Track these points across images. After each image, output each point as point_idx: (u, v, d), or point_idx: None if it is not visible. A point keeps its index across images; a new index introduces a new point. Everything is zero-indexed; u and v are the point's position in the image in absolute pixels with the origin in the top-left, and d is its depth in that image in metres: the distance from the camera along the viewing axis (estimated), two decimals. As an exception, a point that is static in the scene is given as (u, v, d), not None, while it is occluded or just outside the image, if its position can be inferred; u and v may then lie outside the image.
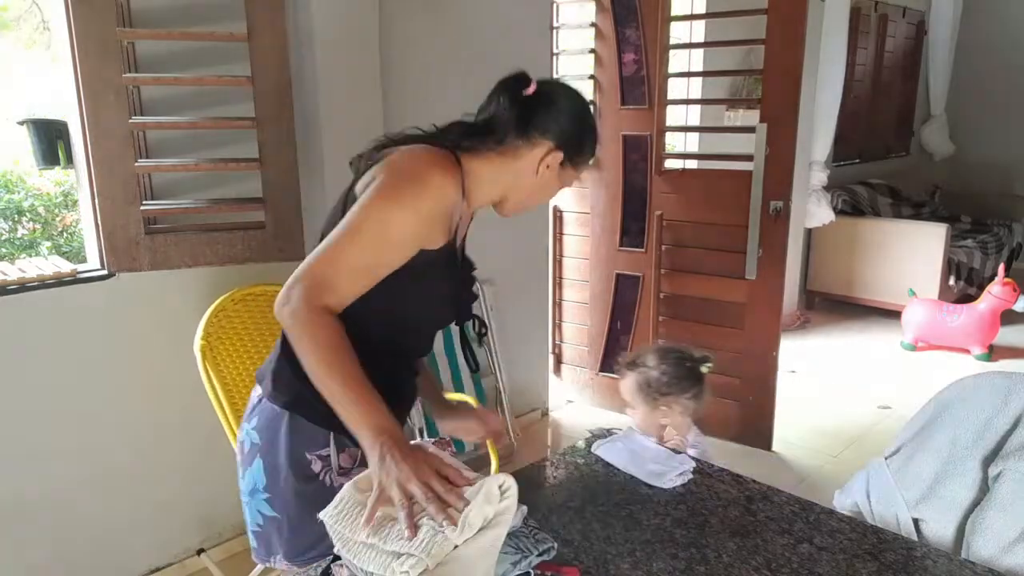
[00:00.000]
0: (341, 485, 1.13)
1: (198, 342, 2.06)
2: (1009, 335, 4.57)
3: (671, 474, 1.46)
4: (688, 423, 1.83)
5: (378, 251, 1.20)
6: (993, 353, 4.39)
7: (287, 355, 1.28)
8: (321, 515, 1.05)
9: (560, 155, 1.33)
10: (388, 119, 2.54)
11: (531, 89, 1.31)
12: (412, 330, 1.38)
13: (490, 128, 1.32)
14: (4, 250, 3.01)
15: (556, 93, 1.34)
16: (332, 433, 1.30)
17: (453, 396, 2.93)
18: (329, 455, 1.31)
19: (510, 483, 1.03)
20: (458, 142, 1.31)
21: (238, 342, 2.17)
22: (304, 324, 1.15)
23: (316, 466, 1.31)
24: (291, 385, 1.29)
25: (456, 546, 0.97)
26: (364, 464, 1.17)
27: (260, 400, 1.35)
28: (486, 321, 3.13)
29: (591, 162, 1.44)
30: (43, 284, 2.05)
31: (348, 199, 1.27)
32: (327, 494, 1.11)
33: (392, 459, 1.03)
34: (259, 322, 2.23)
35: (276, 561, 1.39)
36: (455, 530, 0.96)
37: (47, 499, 2.13)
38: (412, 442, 1.11)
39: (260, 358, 2.20)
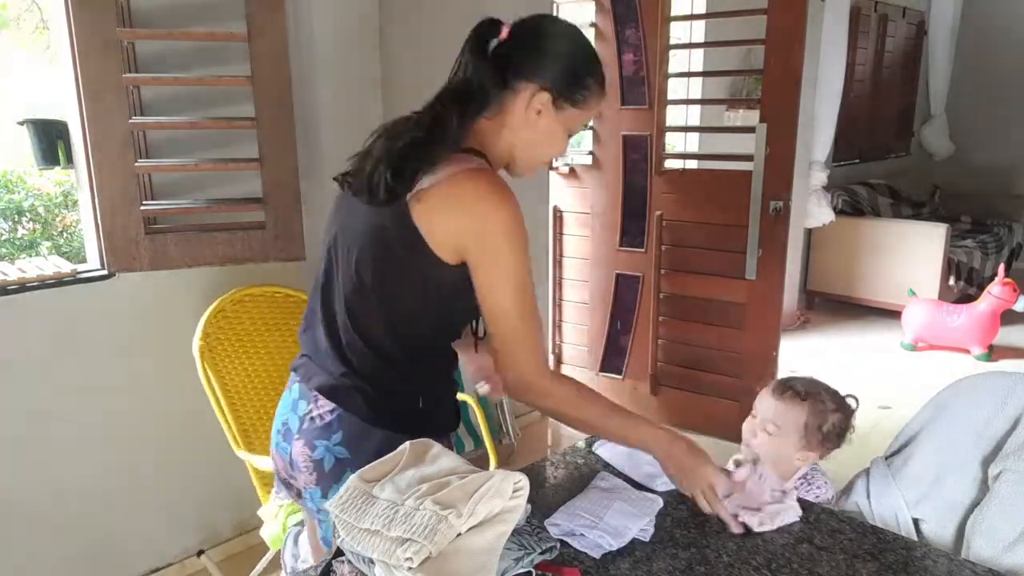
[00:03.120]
0: None
1: (197, 343, 2.06)
2: (1009, 335, 4.57)
3: (666, 477, 1.46)
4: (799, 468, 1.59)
5: (534, 302, 1.26)
6: (993, 353, 4.39)
7: (373, 379, 1.28)
8: (327, 505, 1.06)
9: (546, 96, 1.22)
10: (388, 119, 2.53)
11: (503, 35, 1.21)
12: (455, 331, 1.39)
13: (471, 91, 1.22)
14: (4, 250, 3.01)
15: (530, 29, 1.23)
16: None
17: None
18: None
19: (524, 484, 1.04)
20: (461, 135, 1.23)
21: (237, 343, 2.18)
22: (557, 395, 1.27)
23: None
24: (389, 407, 1.29)
25: (459, 534, 0.97)
26: (448, 445, 1.35)
27: (338, 413, 1.28)
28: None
29: (597, 97, 1.28)
30: (43, 284, 2.05)
31: (398, 235, 1.20)
32: None
33: (688, 465, 1.31)
34: (257, 323, 2.23)
35: None
36: (459, 517, 0.97)
37: (47, 500, 2.13)
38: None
39: (259, 358, 2.21)
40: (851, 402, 1.59)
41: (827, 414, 1.52)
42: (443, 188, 1.17)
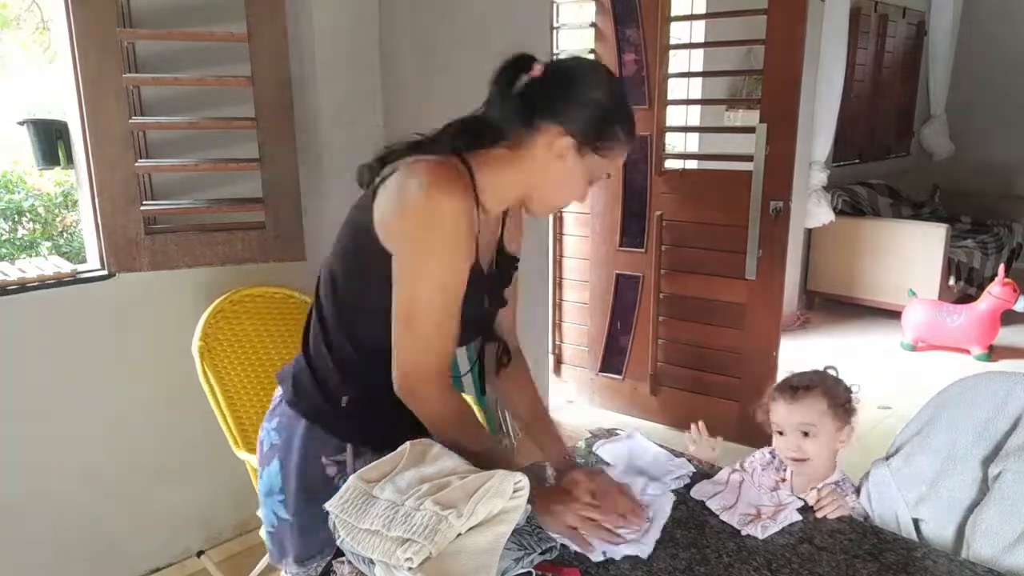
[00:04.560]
0: None
1: (196, 343, 2.06)
2: (1009, 335, 4.57)
3: (667, 477, 1.46)
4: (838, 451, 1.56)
5: (447, 304, 1.17)
6: (993, 353, 4.39)
7: (311, 367, 1.30)
8: (327, 505, 1.07)
9: (569, 140, 1.18)
10: (388, 119, 2.54)
11: (535, 71, 1.18)
12: None
13: (489, 122, 1.21)
14: (4, 250, 3.00)
15: (563, 72, 1.20)
16: (348, 445, 1.32)
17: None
18: (345, 460, 1.33)
19: (525, 484, 1.04)
20: (458, 143, 1.22)
21: (236, 343, 2.17)
22: (438, 408, 1.19)
23: (331, 470, 1.32)
24: (312, 398, 1.31)
25: (459, 535, 0.97)
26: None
27: (281, 401, 1.36)
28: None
29: (623, 147, 1.23)
30: (43, 284, 2.05)
31: (360, 222, 1.21)
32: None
33: (540, 505, 1.17)
34: (256, 324, 2.23)
35: (287, 564, 1.41)
36: (459, 517, 0.97)
37: (47, 500, 2.13)
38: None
39: (259, 359, 2.20)
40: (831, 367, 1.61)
41: (832, 387, 1.54)
42: (393, 175, 1.18)
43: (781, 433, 1.54)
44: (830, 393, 1.53)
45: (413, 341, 1.17)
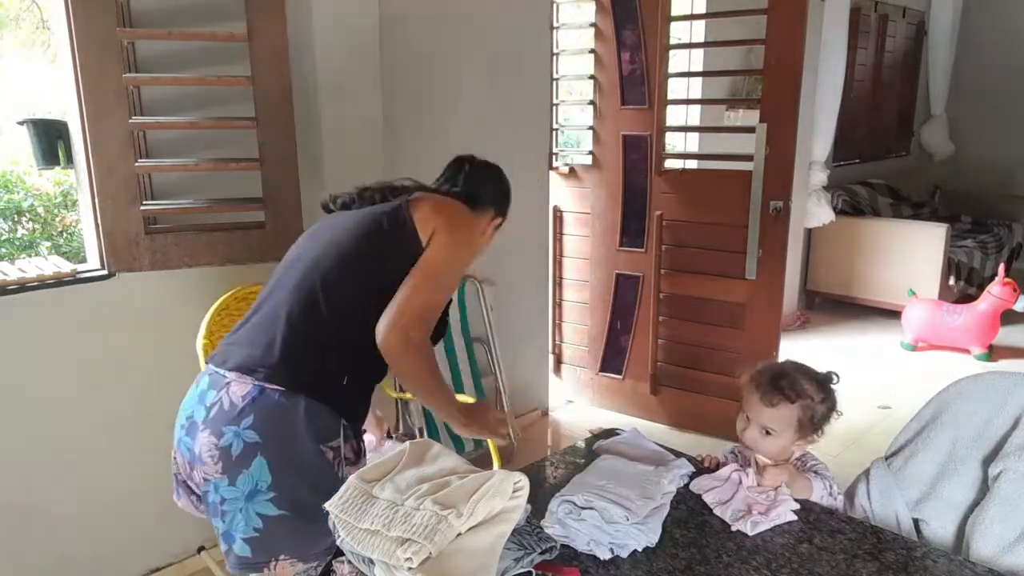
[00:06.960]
0: (347, 476, 1.23)
1: (200, 341, 2.05)
2: (1009, 335, 4.57)
3: (667, 476, 1.46)
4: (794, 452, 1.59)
5: (452, 281, 1.50)
6: (993, 353, 4.39)
7: (305, 337, 1.37)
8: (326, 505, 1.07)
9: (500, 220, 1.71)
10: (388, 119, 2.53)
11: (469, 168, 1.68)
12: None
13: (478, 196, 1.66)
14: (4, 250, 3.01)
15: (486, 170, 1.72)
16: (343, 422, 1.37)
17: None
18: (339, 446, 1.35)
19: (524, 484, 1.04)
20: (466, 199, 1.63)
21: (238, 342, 2.17)
22: (422, 354, 1.39)
23: (329, 455, 1.34)
24: (313, 366, 1.36)
25: (459, 534, 0.98)
26: (365, 456, 1.44)
27: (253, 396, 1.33)
28: (487, 321, 3.13)
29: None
30: (43, 284, 2.05)
31: (391, 215, 1.49)
32: (338, 485, 1.14)
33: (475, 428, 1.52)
34: (259, 322, 2.22)
35: (276, 564, 1.37)
36: (459, 517, 0.97)
37: (47, 499, 2.13)
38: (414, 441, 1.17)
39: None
40: (832, 376, 1.58)
41: (815, 407, 1.53)
42: (435, 198, 1.57)
43: (748, 419, 1.55)
44: (805, 410, 1.52)
45: (424, 291, 1.39)
